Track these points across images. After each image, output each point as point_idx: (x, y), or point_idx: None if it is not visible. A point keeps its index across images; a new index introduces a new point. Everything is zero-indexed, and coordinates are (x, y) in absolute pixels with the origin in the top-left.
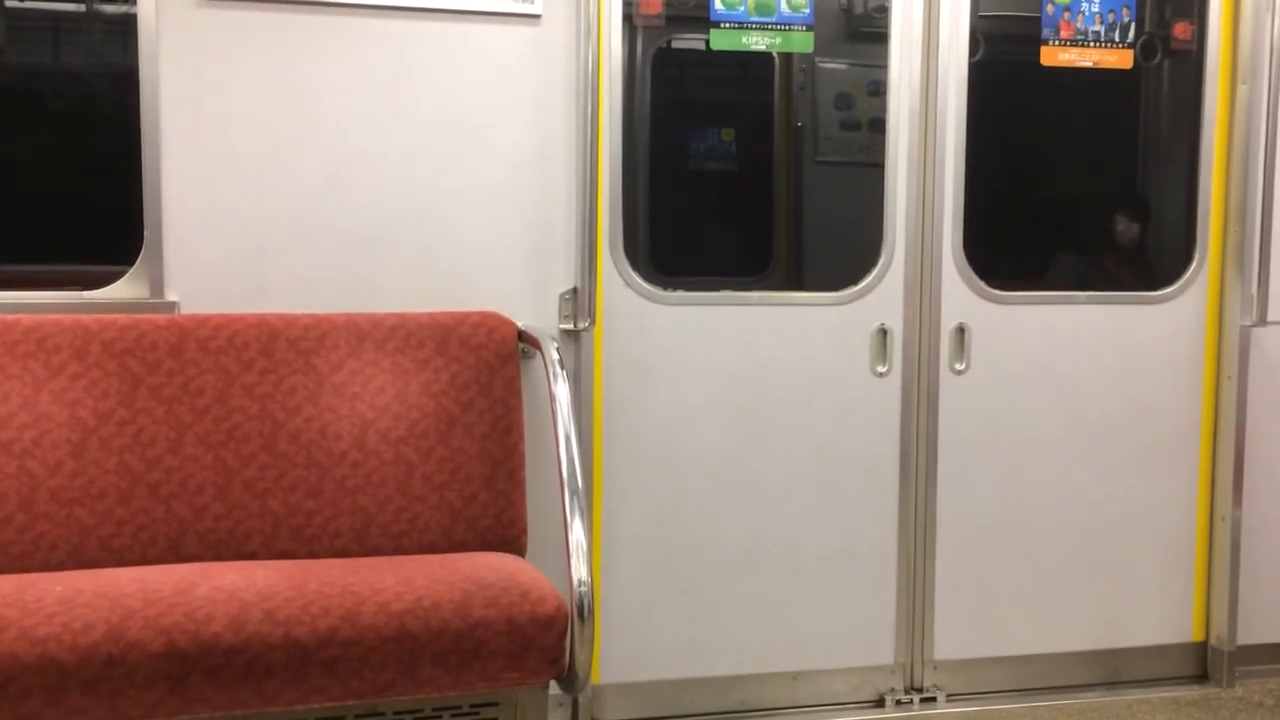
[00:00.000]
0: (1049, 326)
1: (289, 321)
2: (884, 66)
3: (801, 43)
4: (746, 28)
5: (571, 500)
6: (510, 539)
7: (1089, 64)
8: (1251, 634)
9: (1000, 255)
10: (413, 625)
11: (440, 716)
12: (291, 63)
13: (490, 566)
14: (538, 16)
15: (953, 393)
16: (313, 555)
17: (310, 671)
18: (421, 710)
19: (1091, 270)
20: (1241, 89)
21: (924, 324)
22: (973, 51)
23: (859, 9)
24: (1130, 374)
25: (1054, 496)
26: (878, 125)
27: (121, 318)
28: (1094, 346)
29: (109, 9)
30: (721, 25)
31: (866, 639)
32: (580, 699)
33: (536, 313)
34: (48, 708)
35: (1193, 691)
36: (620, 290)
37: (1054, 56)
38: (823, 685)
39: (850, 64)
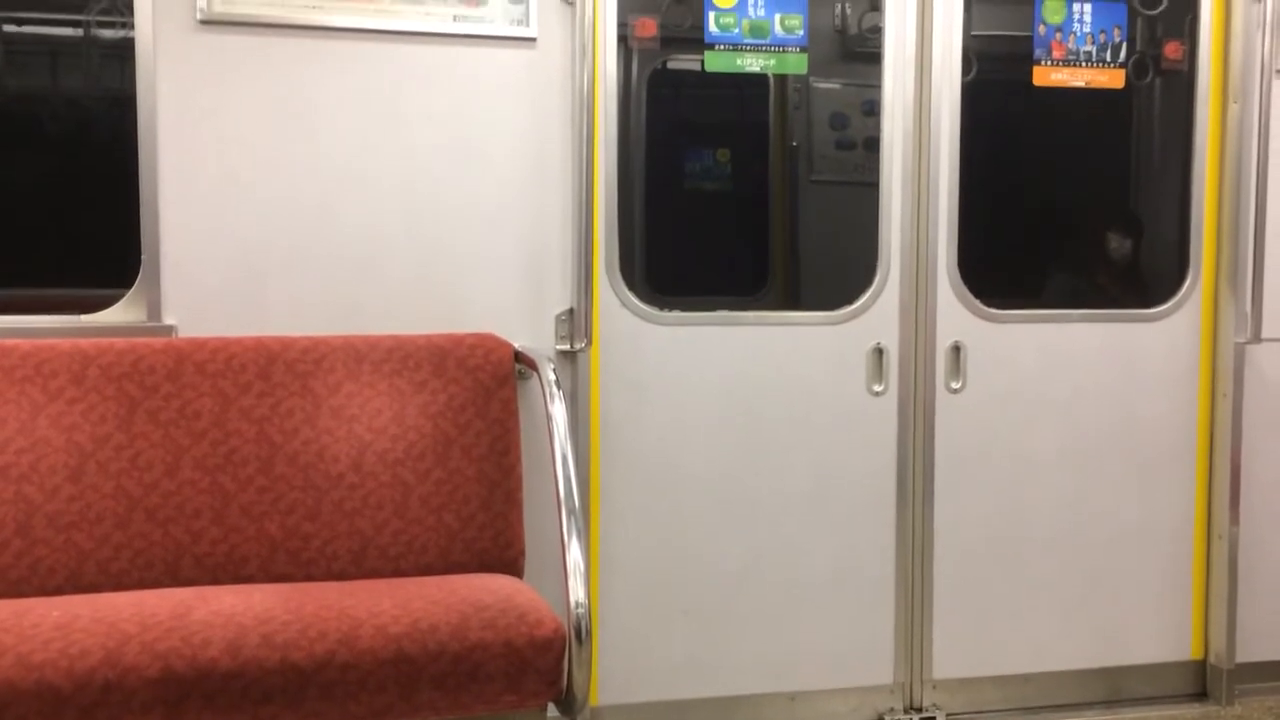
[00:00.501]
0: (1044, 344)
1: (286, 344)
2: (878, 86)
3: (796, 64)
4: (741, 49)
5: (569, 521)
6: (508, 560)
7: (1081, 84)
8: (1250, 652)
9: (995, 273)
10: (410, 648)
11: None
12: (288, 86)
13: (487, 588)
14: (533, 39)
15: (949, 411)
16: (310, 578)
17: (308, 695)
18: None
19: (1086, 288)
20: (1233, 108)
21: (920, 343)
22: (965, 71)
23: (853, 30)
24: (1126, 391)
25: (1051, 514)
26: (872, 145)
27: (119, 341)
28: (1089, 364)
29: (107, 33)
30: (716, 47)
31: (865, 658)
32: None
33: (533, 334)
34: None
35: (1192, 710)
36: (616, 311)
37: (1046, 76)
38: (821, 705)
39: (845, 84)
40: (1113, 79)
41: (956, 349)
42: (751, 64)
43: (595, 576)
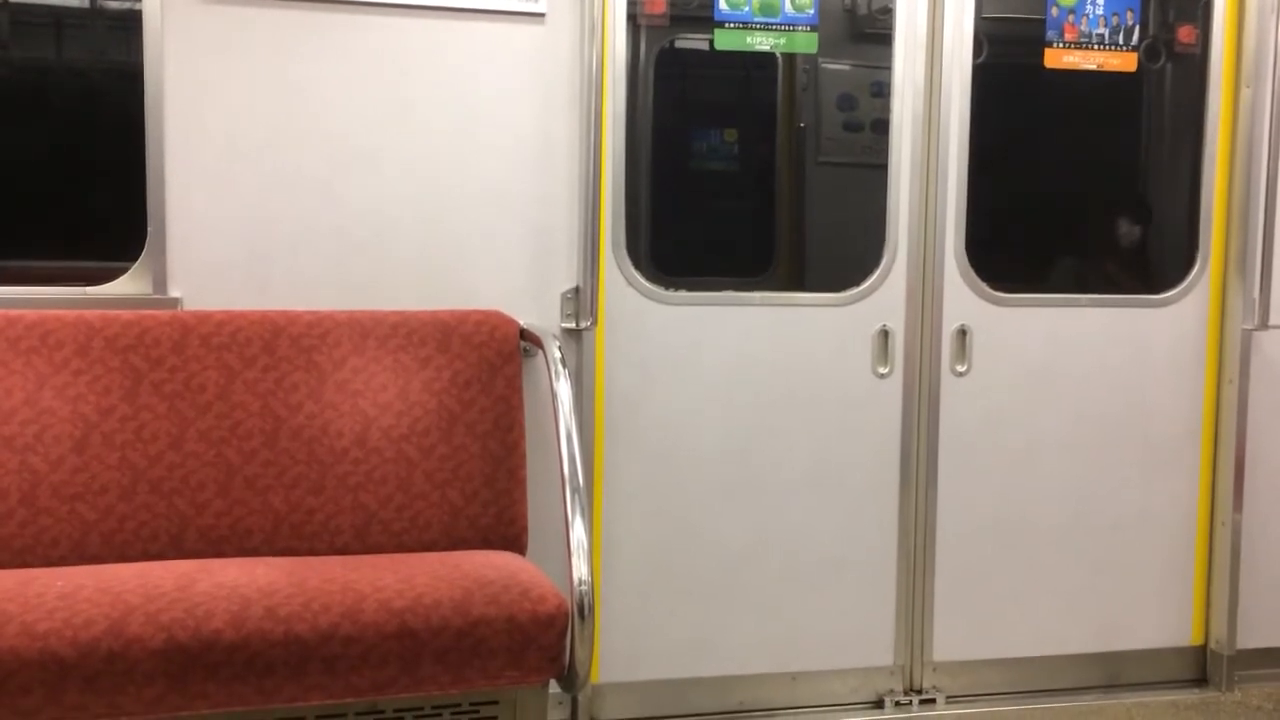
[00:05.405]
0: (1051, 329)
1: (291, 318)
2: (888, 68)
3: (805, 43)
4: (751, 28)
5: (572, 499)
6: (511, 537)
7: (1093, 66)
8: (1251, 638)
9: (1002, 257)
10: (413, 623)
11: (440, 714)
12: (295, 60)
13: (491, 565)
14: (542, 15)
15: (954, 394)
16: (314, 552)
17: (310, 668)
18: (421, 708)
19: (1093, 273)
20: (1245, 92)
21: (926, 325)
22: (976, 53)
23: (863, 10)
24: (1132, 377)
25: (1054, 499)
26: (881, 126)
27: (124, 314)
28: (1095, 349)
29: (114, 5)
30: (726, 25)
31: (866, 640)
32: (580, 698)
33: (539, 311)
34: (48, 703)
35: (1192, 695)
36: (622, 289)
37: (1058, 59)
38: (822, 686)
39: (854, 65)
40: (1125, 62)
41: (962, 332)
42: (761, 42)
43: (598, 554)
